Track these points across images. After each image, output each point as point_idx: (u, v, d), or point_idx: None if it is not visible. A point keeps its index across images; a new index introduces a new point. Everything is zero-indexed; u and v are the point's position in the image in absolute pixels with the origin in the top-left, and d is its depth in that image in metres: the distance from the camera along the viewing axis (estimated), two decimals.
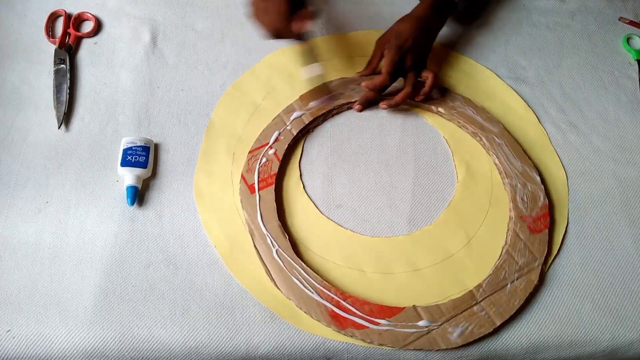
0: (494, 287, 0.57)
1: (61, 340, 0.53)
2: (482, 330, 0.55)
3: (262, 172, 0.63)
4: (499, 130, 0.67)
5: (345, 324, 0.54)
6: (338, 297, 0.55)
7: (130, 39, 0.75)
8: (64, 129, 0.66)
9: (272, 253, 0.57)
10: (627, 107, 0.74)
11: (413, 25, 0.67)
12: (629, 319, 0.58)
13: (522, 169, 0.64)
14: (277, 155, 0.64)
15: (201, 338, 0.54)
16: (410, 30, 0.66)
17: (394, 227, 0.63)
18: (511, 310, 0.56)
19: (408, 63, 0.67)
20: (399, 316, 0.54)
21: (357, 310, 0.54)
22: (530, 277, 0.58)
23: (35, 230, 0.59)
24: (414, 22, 0.67)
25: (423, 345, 0.53)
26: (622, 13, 0.84)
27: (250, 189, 0.61)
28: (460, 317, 0.55)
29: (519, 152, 0.66)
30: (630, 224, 0.64)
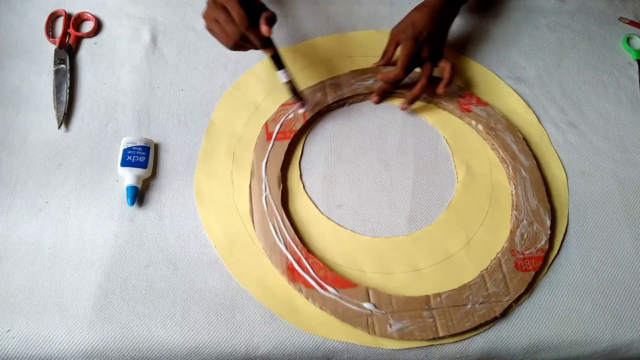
0: (453, 302, 0.56)
1: (61, 340, 0.53)
2: (422, 334, 0.54)
3: (285, 125, 0.66)
4: (529, 164, 0.65)
5: (296, 279, 0.56)
6: (301, 254, 0.57)
7: (130, 39, 0.75)
8: (64, 129, 0.66)
9: (262, 197, 0.61)
10: (627, 107, 0.74)
11: (428, 16, 0.66)
12: (629, 319, 0.58)
13: (536, 208, 0.62)
14: (305, 115, 0.67)
15: (201, 338, 0.54)
16: (425, 20, 0.66)
17: (394, 227, 0.63)
18: (460, 328, 0.54)
19: (424, 54, 0.66)
20: (349, 290, 0.56)
21: (312, 272, 0.56)
22: (495, 307, 0.56)
23: (35, 230, 0.59)
24: (429, 12, 0.66)
25: (356, 325, 0.54)
26: (622, 13, 0.84)
27: (268, 136, 0.65)
28: (406, 314, 0.55)
29: (541, 191, 0.63)
30: (630, 224, 0.64)
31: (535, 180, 0.64)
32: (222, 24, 0.56)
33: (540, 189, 0.63)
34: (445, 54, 0.69)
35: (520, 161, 0.65)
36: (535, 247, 0.60)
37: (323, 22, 0.79)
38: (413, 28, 0.66)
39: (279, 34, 0.76)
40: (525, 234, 0.60)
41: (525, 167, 0.64)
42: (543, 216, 0.61)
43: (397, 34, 0.68)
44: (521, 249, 0.59)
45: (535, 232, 0.60)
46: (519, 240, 0.60)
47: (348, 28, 0.78)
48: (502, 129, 0.67)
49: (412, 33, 0.65)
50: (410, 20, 0.67)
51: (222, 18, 0.55)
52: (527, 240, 0.60)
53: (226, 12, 0.55)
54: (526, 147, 0.66)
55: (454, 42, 0.78)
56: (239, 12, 0.54)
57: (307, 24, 0.78)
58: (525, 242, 0.60)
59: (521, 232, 0.60)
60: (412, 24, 0.66)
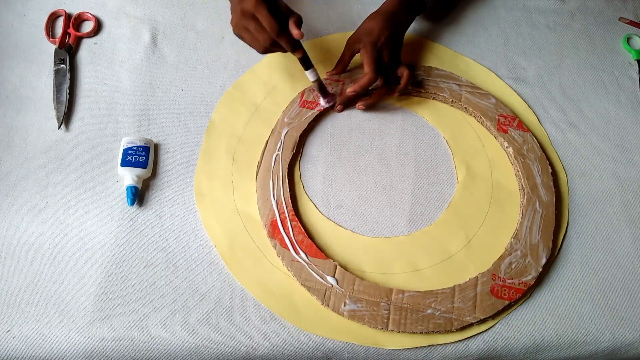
0: (414, 303, 0.56)
1: (61, 340, 0.53)
2: (371, 322, 0.54)
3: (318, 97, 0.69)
4: (547, 200, 0.62)
5: (274, 235, 0.59)
6: (287, 215, 0.60)
7: (130, 39, 0.75)
8: (64, 129, 0.66)
9: (274, 154, 0.64)
10: (627, 107, 0.74)
11: (382, 22, 0.67)
12: (629, 319, 0.58)
13: (536, 243, 0.60)
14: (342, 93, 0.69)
15: (201, 338, 0.54)
16: (380, 26, 0.66)
17: (394, 228, 0.63)
18: (410, 329, 0.54)
19: (385, 59, 0.67)
20: (319, 260, 0.57)
21: (291, 233, 0.59)
22: (453, 322, 0.55)
23: (35, 230, 0.59)
24: (383, 19, 0.67)
25: (314, 293, 0.56)
26: (622, 13, 0.84)
27: (301, 102, 0.68)
28: (364, 299, 0.55)
29: (548, 230, 0.61)
30: (630, 224, 0.64)
31: (547, 217, 0.62)
32: (253, 32, 0.59)
33: (549, 227, 0.61)
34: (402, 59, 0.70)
35: (539, 194, 0.63)
36: (520, 279, 0.58)
37: (324, 22, 0.79)
38: (369, 35, 0.66)
39: None
40: (515, 264, 0.59)
41: (542, 201, 0.62)
42: (540, 253, 0.59)
43: (353, 42, 0.68)
44: (504, 276, 0.58)
45: (525, 265, 0.58)
46: (505, 267, 0.58)
47: (348, 28, 0.78)
48: (533, 158, 0.65)
49: (369, 39, 0.66)
50: (365, 28, 0.68)
51: (253, 26, 0.58)
52: (514, 270, 0.58)
53: (256, 20, 0.57)
54: (551, 183, 0.64)
55: (454, 42, 0.78)
56: (269, 20, 0.57)
57: (308, 24, 0.78)
58: (511, 272, 0.58)
59: (511, 260, 0.59)
60: (368, 32, 0.67)
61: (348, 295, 0.56)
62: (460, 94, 0.70)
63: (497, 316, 0.56)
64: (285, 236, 0.59)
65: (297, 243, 0.58)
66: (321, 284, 0.56)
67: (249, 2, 0.57)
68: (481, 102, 0.69)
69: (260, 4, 0.56)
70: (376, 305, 0.55)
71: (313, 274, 0.57)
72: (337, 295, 0.56)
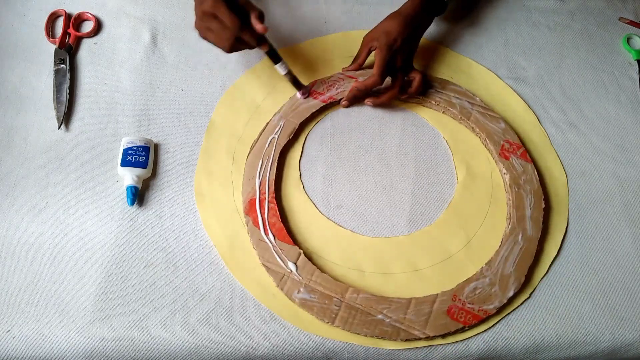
0: (366, 306, 0.55)
1: (61, 340, 0.53)
2: (319, 314, 0.55)
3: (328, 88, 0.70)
4: (531, 235, 0.60)
5: (249, 213, 0.60)
6: (267, 196, 0.61)
7: (130, 39, 0.75)
8: (64, 129, 0.66)
9: (269, 137, 0.65)
10: (627, 107, 0.74)
11: (402, 25, 0.66)
12: (629, 319, 0.58)
13: (508, 275, 0.58)
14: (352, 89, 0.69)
15: (201, 338, 0.54)
16: (399, 29, 0.66)
17: (394, 227, 0.63)
18: (355, 330, 0.54)
19: (398, 63, 0.67)
20: (285, 245, 0.58)
21: (266, 214, 0.60)
22: (400, 332, 0.54)
23: (35, 230, 0.59)
24: (403, 21, 0.67)
25: (271, 274, 0.57)
26: (622, 13, 0.84)
27: (313, 93, 0.69)
28: (318, 291, 0.56)
29: (524, 264, 0.59)
30: (630, 224, 0.64)
31: (527, 251, 0.59)
32: (215, 31, 0.58)
33: (527, 261, 0.59)
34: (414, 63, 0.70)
35: (525, 227, 0.61)
36: (481, 306, 0.56)
37: (323, 22, 0.79)
38: (387, 36, 0.66)
39: (279, 34, 0.76)
40: (480, 290, 0.57)
41: (525, 235, 0.60)
42: (510, 285, 0.57)
43: (370, 40, 0.68)
44: (464, 300, 0.56)
45: (490, 294, 0.57)
46: (469, 291, 0.57)
47: (348, 28, 0.78)
48: (529, 190, 0.63)
49: (386, 41, 0.65)
50: (383, 28, 0.67)
51: (215, 26, 0.57)
52: (477, 296, 0.57)
53: (217, 19, 0.57)
54: (541, 219, 0.61)
55: (454, 42, 0.78)
56: (230, 17, 0.56)
57: (307, 24, 0.78)
58: (474, 297, 0.57)
59: (477, 285, 0.57)
60: (385, 32, 0.66)
61: (304, 284, 0.56)
62: (470, 113, 0.69)
63: (447, 336, 0.55)
64: (259, 215, 0.60)
65: (269, 225, 0.59)
66: (281, 267, 0.57)
67: (208, 2, 0.56)
68: (490, 124, 0.68)
69: (218, 3, 0.56)
70: (328, 299, 0.55)
71: (275, 257, 0.57)
72: (293, 281, 0.56)
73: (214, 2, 0.56)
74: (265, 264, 0.57)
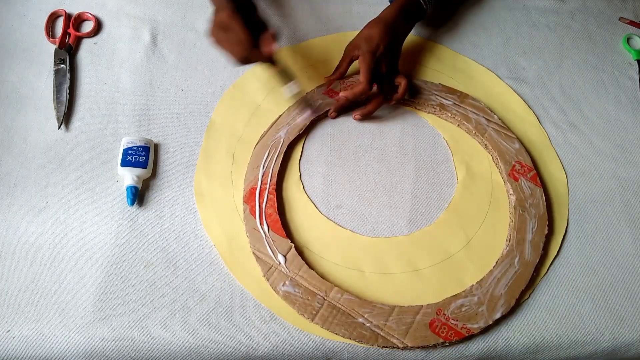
0: (348, 307, 0.55)
1: (61, 340, 0.53)
2: (300, 309, 0.55)
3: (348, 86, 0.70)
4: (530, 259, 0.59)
5: (248, 201, 0.61)
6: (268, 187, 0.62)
7: (130, 39, 0.75)
8: (64, 129, 0.66)
9: (279, 128, 0.66)
10: (627, 107, 0.74)
11: (382, 31, 0.66)
12: (629, 319, 0.58)
13: (498, 296, 0.57)
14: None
15: (201, 338, 0.54)
16: (380, 35, 0.66)
17: (393, 228, 0.63)
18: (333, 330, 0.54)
19: (383, 69, 0.66)
20: (277, 237, 0.59)
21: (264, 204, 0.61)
22: (378, 338, 0.54)
23: (35, 230, 0.59)
24: (383, 28, 0.67)
25: (259, 264, 0.57)
26: (622, 13, 0.84)
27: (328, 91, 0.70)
28: (303, 286, 0.56)
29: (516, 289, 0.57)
30: (630, 224, 0.64)
31: (521, 275, 0.58)
32: (228, 44, 0.57)
33: (519, 286, 0.57)
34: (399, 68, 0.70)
35: (523, 250, 0.59)
36: (465, 324, 0.55)
37: (323, 22, 0.79)
38: (369, 43, 0.66)
39: (279, 35, 0.76)
40: (467, 308, 0.56)
41: (523, 259, 0.59)
42: (498, 307, 0.56)
43: (352, 49, 0.68)
44: (449, 315, 0.55)
45: (477, 313, 0.56)
46: (455, 307, 0.56)
47: (348, 28, 0.78)
48: (534, 214, 0.62)
49: (368, 47, 0.65)
50: (364, 35, 0.67)
51: (227, 40, 0.57)
52: (463, 313, 0.56)
53: (231, 32, 0.56)
54: (541, 244, 0.60)
55: (454, 42, 0.78)
56: (241, 35, 0.56)
57: (307, 24, 0.78)
58: (459, 314, 0.56)
59: (464, 302, 0.56)
60: (367, 39, 0.66)
61: (290, 277, 0.57)
62: (485, 130, 0.67)
63: (425, 348, 0.55)
64: (257, 204, 0.61)
65: (265, 215, 0.60)
66: (270, 258, 0.58)
67: (224, 13, 0.56)
68: (504, 143, 0.66)
69: (234, 17, 0.55)
70: (312, 296, 0.56)
71: (267, 247, 0.58)
72: (280, 273, 0.57)
73: (230, 15, 0.56)
74: (255, 253, 0.58)
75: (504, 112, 0.71)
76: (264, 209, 0.60)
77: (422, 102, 0.70)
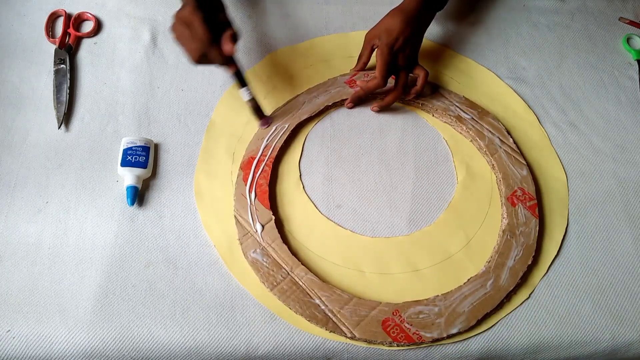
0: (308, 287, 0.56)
1: (61, 340, 0.53)
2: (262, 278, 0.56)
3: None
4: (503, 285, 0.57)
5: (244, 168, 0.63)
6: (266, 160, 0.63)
7: (130, 39, 0.75)
8: (64, 129, 0.66)
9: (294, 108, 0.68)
10: (627, 107, 0.74)
11: (403, 22, 0.65)
12: (629, 319, 0.58)
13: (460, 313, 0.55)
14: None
15: (201, 338, 0.54)
16: (400, 27, 0.65)
17: (393, 228, 0.63)
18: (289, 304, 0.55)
19: (400, 62, 0.66)
20: (261, 206, 0.61)
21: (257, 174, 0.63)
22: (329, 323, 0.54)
23: (35, 230, 0.59)
24: (404, 19, 0.66)
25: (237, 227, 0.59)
26: (622, 13, 0.84)
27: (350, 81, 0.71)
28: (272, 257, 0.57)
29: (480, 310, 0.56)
30: (630, 224, 0.64)
31: (490, 298, 0.56)
32: (186, 40, 0.56)
33: (485, 308, 0.56)
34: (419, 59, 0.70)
35: (499, 275, 0.58)
36: (418, 330, 0.54)
37: (323, 22, 0.79)
38: (388, 35, 0.65)
39: (280, 34, 0.77)
40: (425, 316, 0.55)
41: (497, 283, 0.57)
42: (456, 324, 0.55)
43: (372, 38, 0.68)
44: (404, 318, 0.55)
45: (433, 323, 0.55)
46: (413, 312, 0.55)
47: (348, 28, 0.78)
48: (522, 242, 0.60)
49: (387, 40, 0.65)
50: (384, 26, 0.66)
51: (186, 34, 0.56)
52: (419, 320, 0.55)
53: (191, 28, 0.56)
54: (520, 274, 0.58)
55: (454, 42, 0.78)
56: (202, 29, 0.55)
57: (307, 24, 0.78)
58: (415, 320, 0.55)
59: (423, 310, 0.55)
60: (386, 30, 0.65)
61: (262, 246, 0.58)
62: (496, 150, 0.66)
63: (370, 343, 0.54)
64: (251, 173, 0.62)
65: (256, 184, 0.62)
66: (249, 224, 0.59)
67: (187, 9, 0.55)
68: (511, 167, 0.65)
69: (196, 12, 0.55)
70: (277, 268, 0.57)
71: (248, 213, 0.60)
72: (254, 241, 0.58)
73: (192, 11, 0.55)
74: (236, 216, 0.60)
75: (504, 112, 0.71)
76: (256, 178, 0.62)
77: (441, 111, 0.69)
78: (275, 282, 0.56)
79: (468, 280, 0.58)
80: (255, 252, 0.58)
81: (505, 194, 0.63)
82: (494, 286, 0.57)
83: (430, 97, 0.70)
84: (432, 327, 0.55)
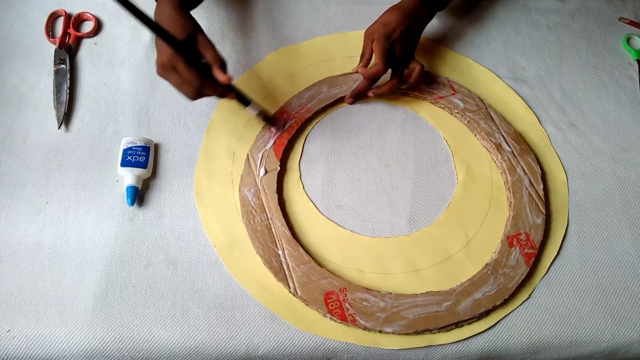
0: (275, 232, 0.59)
1: (61, 340, 0.53)
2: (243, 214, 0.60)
3: None
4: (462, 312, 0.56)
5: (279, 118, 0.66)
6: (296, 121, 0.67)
7: (130, 39, 0.75)
8: (64, 129, 0.66)
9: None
10: (627, 107, 0.74)
11: (400, 16, 0.66)
12: (629, 319, 0.58)
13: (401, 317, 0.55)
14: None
15: (201, 338, 0.54)
16: (397, 20, 0.66)
17: (394, 228, 0.63)
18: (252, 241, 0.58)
19: (397, 52, 0.66)
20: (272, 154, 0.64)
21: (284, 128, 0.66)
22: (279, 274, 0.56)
23: (35, 230, 0.59)
24: (401, 13, 0.67)
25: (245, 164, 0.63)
26: (622, 13, 0.84)
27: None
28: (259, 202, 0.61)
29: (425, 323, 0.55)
30: (630, 224, 0.64)
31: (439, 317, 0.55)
32: (177, 83, 0.55)
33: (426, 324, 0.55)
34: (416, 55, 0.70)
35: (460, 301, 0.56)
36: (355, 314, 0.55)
37: (323, 22, 0.79)
38: (385, 27, 0.66)
39: (279, 35, 0.77)
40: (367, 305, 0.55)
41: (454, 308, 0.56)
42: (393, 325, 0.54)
43: (371, 34, 0.68)
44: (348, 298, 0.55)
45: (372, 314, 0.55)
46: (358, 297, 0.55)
47: (348, 28, 0.78)
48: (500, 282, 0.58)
49: (384, 31, 0.65)
50: (382, 20, 0.67)
51: (175, 80, 0.55)
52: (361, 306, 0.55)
53: (177, 72, 0.54)
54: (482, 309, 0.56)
55: (454, 42, 0.78)
56: (188, 73, 0.54)
57: (307, 24, 0.78)
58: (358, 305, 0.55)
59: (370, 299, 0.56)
60: (384, 24, 0.66)
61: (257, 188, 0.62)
62: (520, 190, 0.64)
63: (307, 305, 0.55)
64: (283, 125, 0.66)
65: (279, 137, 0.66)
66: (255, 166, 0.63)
67: (165, 55, 0.54)
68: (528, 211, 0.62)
69: (176, 57, 0.54)
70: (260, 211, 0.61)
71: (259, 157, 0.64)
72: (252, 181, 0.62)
73: (171, 56, 0.54)
74: (249, 154, 0.64)
75: (505, 113, 0.71)
76: (281, 131, 0.66)
77: (484, 133, 0.68)
78: (252, 221, 0.59)
79: (427, 292, 0.57)
80: (249, 190, 0.61)
81: (508, 232, 0.61)
82: (448, 309, 0.56)
83: (480, 118, 0.69)
84: (369, 317, 0.55)
